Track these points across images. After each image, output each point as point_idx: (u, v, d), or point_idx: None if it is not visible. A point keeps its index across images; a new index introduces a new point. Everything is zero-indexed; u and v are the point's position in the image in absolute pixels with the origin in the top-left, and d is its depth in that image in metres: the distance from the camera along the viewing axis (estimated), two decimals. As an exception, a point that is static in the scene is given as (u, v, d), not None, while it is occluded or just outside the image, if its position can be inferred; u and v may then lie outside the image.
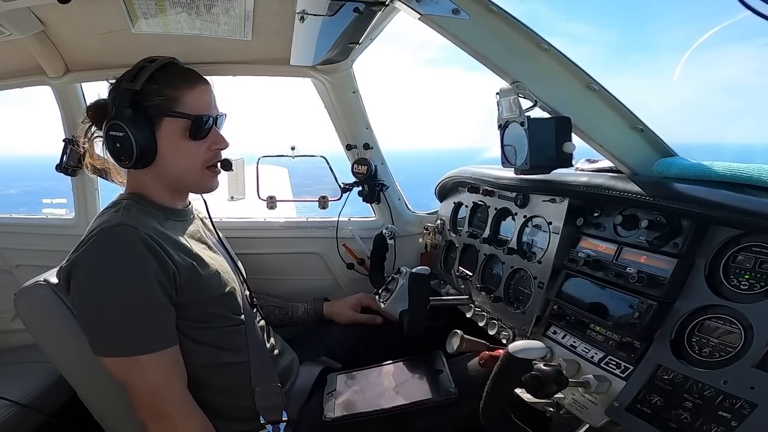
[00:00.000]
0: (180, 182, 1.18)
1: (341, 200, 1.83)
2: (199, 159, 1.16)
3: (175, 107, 1.10)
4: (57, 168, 1.80)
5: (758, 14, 0.65)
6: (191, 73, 1.16)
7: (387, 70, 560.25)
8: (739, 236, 0.85)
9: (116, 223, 1.02)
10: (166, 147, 1.11)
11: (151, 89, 1.09)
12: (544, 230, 1.25)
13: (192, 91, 1.13)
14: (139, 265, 1.00)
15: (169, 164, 1.13)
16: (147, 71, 1.09)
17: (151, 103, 1.09)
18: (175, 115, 1.10)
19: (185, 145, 1.13)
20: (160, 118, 1.09)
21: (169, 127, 1.11)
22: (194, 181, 1.18)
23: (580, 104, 1.01)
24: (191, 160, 1.15)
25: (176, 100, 1.11)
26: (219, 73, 1.65)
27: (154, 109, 1.09)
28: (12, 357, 1.82)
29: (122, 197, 1.16)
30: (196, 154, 1.15)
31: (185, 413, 1.05)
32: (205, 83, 1.17)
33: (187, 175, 1.16)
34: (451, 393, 1.21)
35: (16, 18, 1.28)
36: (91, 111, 1.19)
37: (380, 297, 1.51)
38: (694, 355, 0.84)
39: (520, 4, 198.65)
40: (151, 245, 1.02)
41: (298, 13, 1.14)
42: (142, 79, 1.08)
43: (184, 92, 1.12)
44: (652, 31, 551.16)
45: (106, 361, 1.03)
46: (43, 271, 1.17)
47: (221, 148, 1.20)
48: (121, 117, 1.06)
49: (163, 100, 1.10)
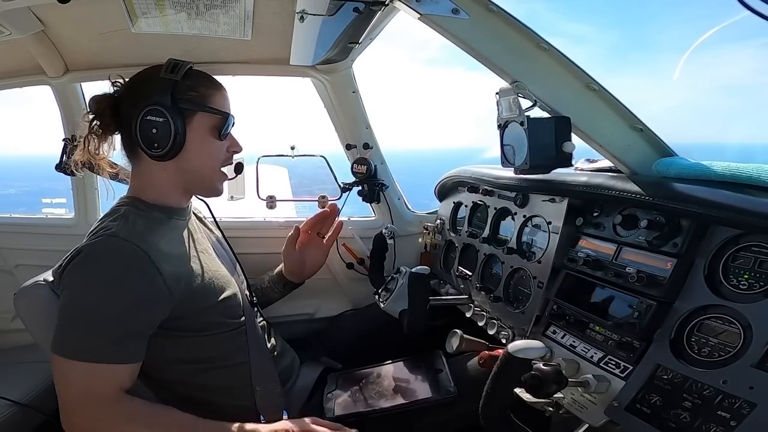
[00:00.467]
0: (197, 179, 1.18)
1: (341, 200, 1.83)
2: (220, 158, 1.18)
3: (209, 103, 1.13)
4: (57, 168, 1.80)
5: (757, 14, 0.65)
6: (214, 80, 1.19)
7: (386, 70, 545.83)
8: (738, 236, 0.85)
9: (111, 233, 1.01)
10: (194, 142, 1.11)
11: (186, 84, 1.11)
12: (544, 230, 1.25)
13: (219, 92, 1.17)
14: (123, 279, 0.98)
15: (192, 159, 1.13)
16: (183, 66, 1.11)
17: (186, 97, 1.11)
18: (209, 111, 1.13)
19: (211, 143, 1.15)
20: (193, 112, 1.11)
21: (200, 123, 1.12)
22: (211, 179, 1.19)
23: (579, 104, 1.01)
24: (213, 158, 1.17)
25: (209, 97, 1.14)
26: (219, 73, 1.64)
27: (188, 102, 1.11)
28: (12, 357, 1.82)
29: (122, 203, 1.14)
30: (218, 153, 1.17)
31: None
32: (225, 88, 1.20)
33: (205, 174, 1.17)
34: (450, 392, 1.21)
35: (16, 18, 1.28)
36: (101, 103, 1.15)
37: (380, 297, 1.51)
38: (693, 355, 0.84)
39: (519, 3, 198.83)
40: (141, 262, 0.99)
41: (297, 13, 1.14)
42: (181, 72, 1.10)
43: (215, 92, 1.16)
44: (652, 30, 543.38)
45: (58, 360, 0.97)
46: (42, 271, 1.17)
47: (237, 151, 1.22)
48: (162, 103, 1.07)
49: (197, 96, 1.12)
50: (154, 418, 1.00)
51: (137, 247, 0.99)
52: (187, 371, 1.12)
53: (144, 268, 0.99)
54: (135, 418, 0.98)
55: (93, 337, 0.96)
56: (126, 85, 1.16)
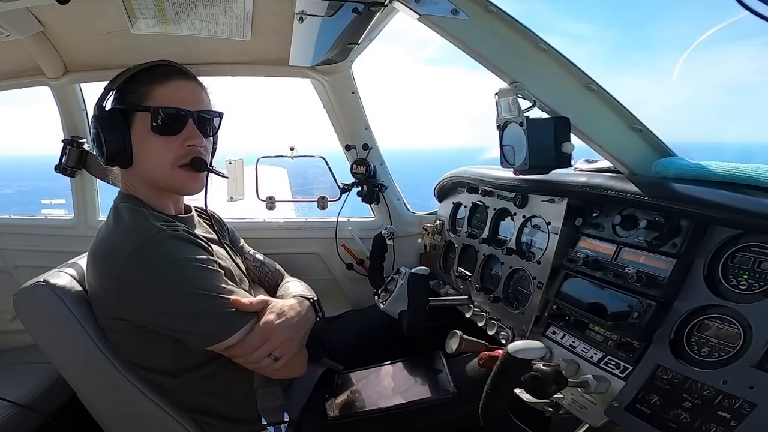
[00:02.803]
0: (155, 182, 1.13)
1: (340, 201, 1.83)
2: (168, 156, 1.09)
3: (143, 102, 1.08)
4: (56, 168, 1.80)
5: (756, 14, 0.65)
6: (173, 70, 1.13)
7: (386, 69, 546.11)
8: (737, 236, 0.85)
9: (148, 235, 1.01)
10: (137, 143, 1.09)
11: (129, 88, 1.09)
12: (543, 230, 1.25)
13: (164, 86, 1.09)
14: (193, 250, 1.04)
15: (141, 162, 1.10)
16: (129, 72, 1.10)
17: (126, 101, 1.09)
18: (141, 109, 1.07)
19: (153, 141, 1.08)
20: (131, 114, 1.08)
21: (139, 123, 1.08)
22: (166, 180, 1.12)
23: (578, 104, 1.01)
24: (160, 156, 1.09)
25: (146, 95, 1.08)
26: (218, 74, 1.65)
27: (127, 106, 1.08)
28: (11, 358, 1.82)
29: (122, 207, 1.11)
30: (164, 150, 1.09)
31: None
32: (183, 79, 1.12)
33: (157, 174, 1.11)
34: (450, 393, 1.21)
35: (16, 18, 1.28)
36: None
37: (380, 297, 1.51)
38: (693, 355, 0.84)
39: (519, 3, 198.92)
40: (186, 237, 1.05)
41: (297, 14, 1.14)
42: (121, 78, 1.09)
43: (155, 87, 1.09)
44: (653, 30, 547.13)
45: (225, 344, 1.02)
46: (42, 272, 1.17)
47: (193, 145, 1.11)
48: (96, 116, 1.08)
49: (135, 97, 1.08)
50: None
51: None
52: (192, 374, 1.12)
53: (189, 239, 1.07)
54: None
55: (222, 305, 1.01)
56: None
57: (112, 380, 1.09)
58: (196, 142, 1.11)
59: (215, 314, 1.00)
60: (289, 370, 1.14)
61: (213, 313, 1.00)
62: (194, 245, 1.05)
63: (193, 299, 0.99)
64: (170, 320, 1.01)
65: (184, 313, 1.00)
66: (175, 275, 0.99)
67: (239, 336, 1.02)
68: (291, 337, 1.08)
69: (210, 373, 1.12)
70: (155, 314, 1.01)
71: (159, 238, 1.01)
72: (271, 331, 1.04)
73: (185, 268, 1.00)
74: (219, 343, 1.01)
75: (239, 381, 1.18)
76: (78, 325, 1.08)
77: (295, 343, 1.09)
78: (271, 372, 1.10)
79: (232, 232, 1.48)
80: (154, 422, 1.12)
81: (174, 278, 0.99)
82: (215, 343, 1.02)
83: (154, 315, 1.01)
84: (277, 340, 1.05)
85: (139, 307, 1.01)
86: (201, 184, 1.17)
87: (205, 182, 1.18)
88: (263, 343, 1.03)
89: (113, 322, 1.07)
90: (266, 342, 1.04)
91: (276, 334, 1.05)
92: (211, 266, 1.04)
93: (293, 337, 1.09)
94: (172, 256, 1.00)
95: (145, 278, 0.98)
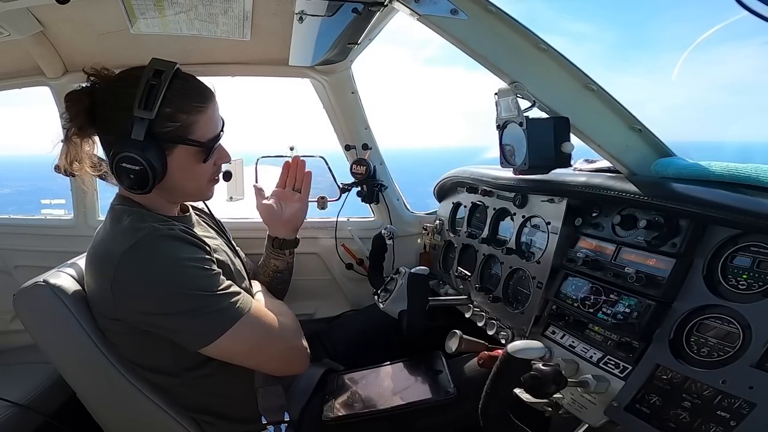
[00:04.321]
0: (184, 198, 1.20)
1: (340, 201, 1.83)
2: (206, 176, 1.14)
3: (189, 134, 1.05)
4: (55, 168, 1.80)
5: (756, 15, 0.65)
6: (202, 90, 1.09)
7: (386, 69, 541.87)
8: (737, 236, 0.85)
9: (143, 234, 1.00)
10: (177, 170, 1.07)
11: (164, 113, 1.01)
12: (543, 230, 1.25)
13: (205, 114, 1.07)
14: (189, 250, 1.03)
15: (177, 184, 1.10)
16: (158, 93, 1.00)
17: (165, 130, 1.03)
18: (191, 144, 1.05)
19: (197, 168, 1.10)
20: (173, 145, 1.04)
21: (183, 154, 1.06)
22: (199, 195, 1.20)
23: (578, 104, 1.01)
24: (198, 179, 1.13)
25: (191, 126, 1.05)
26: (218, 74, 1.65)
27: (167, 135, 1.03)
28: (11, 358, 1.82)
29: (120, 209, 1.10)
30: (203, 173, 1.13)
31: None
32: (214, 99, 1.11)
33: (193, 191, 1.16)
34: (450, 393, 1.21)
35: (15, 18, 1.28)
36: (77, 105, 1.07)
37: (379, 297, 1.51)
38: (692, 355, 0.84)
39: (519, 4, 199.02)
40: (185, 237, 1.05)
41: (296, 14, 1.14)
42: (156, 105, 0.99)
43: (199, 117, 1.05)
44: (654, 29, 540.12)
45: (219, 343, 1.01)
46: (42, 272, 1.17)
47: (225, 162, 1.18)
48: (134, 148, 0.99)
49: (177, 127, 1.04)
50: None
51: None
52: (191, 373, 1.12)
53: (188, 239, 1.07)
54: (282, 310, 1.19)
55: (226, 295, 1.02)
56: (105, 88, 1.08)
57: (112, 380, 1.09)
58: (227, 160, 1.17)
59: (207, 314, 1.00)
60: (287, 366, 1.15)
61: (205, 313, 0.99)
62: (191, 245, 1.05)
63: (186, 299, 0.98)
64: (163, 319, 1.00)
65: (176, 312, 0.99)
66: (169, 274, 0.99)
67: (231, 336, 1.01)
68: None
69: (210, 372, 1.12)
70: (148, 313, 1.00)
71: (154, 237, 1.00)
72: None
73: (180, 267, 0.99)
74: (211, 344, 1.00)
75: (239, 380, 1.18)
76: (78, 325, 1.08)
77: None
78: (270, 369, 1.12)
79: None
80: (153, 422, 1.12)
81: (168, 277, 0.98)
82: (207, 344, 1.01)
83: (147, 314, 1.00)
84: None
85: (132, 306, 1.00)
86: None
87: None
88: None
89: (110, 322, 1.06)
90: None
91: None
92: (207, 266, 1.03)
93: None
94: (167, 255, 1.00)
95: (139, 277, 0.98)
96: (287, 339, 1.13)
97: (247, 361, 1.08)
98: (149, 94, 1.00)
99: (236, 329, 1.01)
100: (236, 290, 1.06)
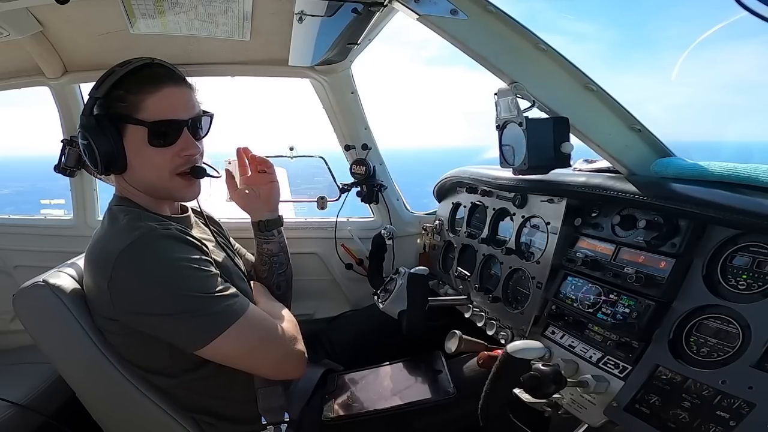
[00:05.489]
0: (153, 189, 1.13)
1: (340, 201, 1.83)
2: (166, 166, 1.09)
3: (135, 114, 1.05)
4: (55, 169, 1.80)
5: (756, 15, 0.65)
6: (162, 75, 1.08)
7: (386, 69, 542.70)
8: (736, 236, 0.85)
9: (139, 234, 1.00)
10: (132, 154, 1.07)
11: (116, 95, 1.05)
12: (543, 230, 1.25)
13: (154, 96, 1.05)
14: (185, 250, 1.03)
15: (138, 171, 1.10)
16: (114, 76, 1.05)
17: (114, 111, 1.05)
18: (134, 123, 1.05)
19: (149, 152, 1.07)
20: (123, 125, 1.05)
21: (133, 135, 1.06)
22: (165, 188, 1.13)
23: (578, 104, 1.01)
24: (157, 167, 1.09)
25: (137, 105, 1.05)
26: (217, 74, 1.65)
27: (116, 116, 1.05)
28: (11, 358, 1.82)
29: (117, 209, 1.11)
30: (161, 161, 1.08)
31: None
32: (174, 85, 1.09)
33: (156, 183, 1.11)
34: (449, 393, 1.21)
35: (15, 18, 1.28)
36: None
37: (379, 297, 1.52)
38: (692, 355, 0.84)
39: (519, 4, 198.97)
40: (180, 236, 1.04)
41: (296, 14, 1.14)
42: (106, 85, 1.05)
43: (146, 97, 1.05)
44: (655, 28, 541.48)
45: (213, 346, 1.00)
46: (42, 272, 1.17)
47: (191, 155, 1.11)
48: (84, 125, 1.05)
49: (124, 107, 1.05)
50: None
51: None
52: (190, 375, 1.12)
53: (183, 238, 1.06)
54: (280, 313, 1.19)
55: (222, 295, 1.02)
56: None
57: (112, 380, 1.09)
58: (192, 152, 1.11)
59: (202, 316, 0.99)
60: (282, 371, 1.14)
61: (200, 315, 0.99)
62: (187, 245, 1.05)
63: (181, 300, 0.98)
64: (157, 320, 1.00)
65: (170, 312, 0.98)
66: (165, 274, 0.98)
67: (225, 338, 1.00)
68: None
69: (209, 374, 1.12)
70: (142, 313, 1.00)
71: (151, 236, 1.00)
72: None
73: (176, 267, 0.99)
74: (205, 346, 0.99)
75: (239, 381, 1.17)
76: (77, 325, 1.08)
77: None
78: (266, 373, 1.11)
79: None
80: (153, 422, 1.12)
81: (164, 278, 0.98)
82: (202, 346, 1.00)
83: (142, 314, 1.00)
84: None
85: (128, 306, 1.00)
86: (198, 190, 1.18)
87: (200, 187, 1.19)
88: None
89: (108, 322, 1.07)
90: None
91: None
92: (204, 266, 1.03)
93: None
94: (162, 255, 0.99)
95: (135, 276, 0.98)
96: (283, 344, 1.10)
97: (242, 365, 1.07)
98: (107, 77, 1.06)
99: (231, 332, 1.00)
100: (233, 292, 1.05)
